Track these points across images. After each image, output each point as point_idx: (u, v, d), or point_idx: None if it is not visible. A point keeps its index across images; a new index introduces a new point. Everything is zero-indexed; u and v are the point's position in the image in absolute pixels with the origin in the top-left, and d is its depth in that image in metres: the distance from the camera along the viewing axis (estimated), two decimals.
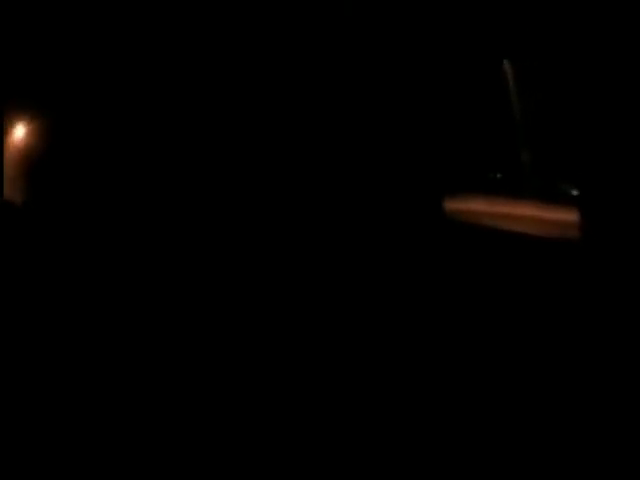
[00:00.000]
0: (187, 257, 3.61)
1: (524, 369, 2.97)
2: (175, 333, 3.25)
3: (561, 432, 2.70)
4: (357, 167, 3.64)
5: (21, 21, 3.77)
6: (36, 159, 3.87)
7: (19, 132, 3.89)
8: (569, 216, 3.43)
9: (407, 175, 3.61)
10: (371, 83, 3.64)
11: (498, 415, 2.82)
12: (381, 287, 3.28)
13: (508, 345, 3.00)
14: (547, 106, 3.56)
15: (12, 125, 3.96)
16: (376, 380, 3.03)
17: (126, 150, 3.76)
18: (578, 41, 3.31)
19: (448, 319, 3.12)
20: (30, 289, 3.49)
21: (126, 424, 2.79)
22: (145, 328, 3.27)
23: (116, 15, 3.72)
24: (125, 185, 3.75)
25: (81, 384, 3.01)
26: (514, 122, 3.62)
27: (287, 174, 3.65)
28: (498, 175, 3.62)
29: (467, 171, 3.65)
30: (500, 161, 3.65)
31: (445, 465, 2.59)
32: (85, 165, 3.81)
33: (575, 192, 3.45)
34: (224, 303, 3.40)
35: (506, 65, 3.44)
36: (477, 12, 3.43)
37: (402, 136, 3.65)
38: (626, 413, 2.75)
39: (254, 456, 2.62)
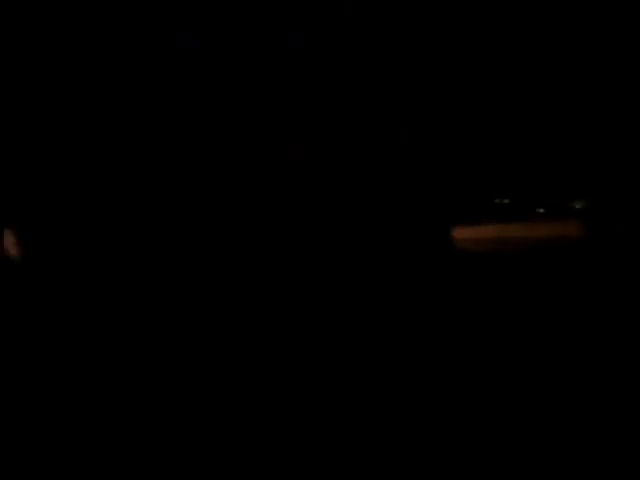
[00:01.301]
0: (187, 259, 3.63)
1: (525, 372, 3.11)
2: (176, 335, 3.30)
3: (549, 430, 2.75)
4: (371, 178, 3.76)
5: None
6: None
7: None
8: (570, 229, 3.63)
9: (415, 201, 3.76)
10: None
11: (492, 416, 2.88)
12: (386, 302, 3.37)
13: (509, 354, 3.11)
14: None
15: None
16: (374, 381, 3.09)
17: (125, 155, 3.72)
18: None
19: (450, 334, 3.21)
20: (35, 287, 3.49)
21: (126, 424, 2.79)
22: (146, 330, 3.31)
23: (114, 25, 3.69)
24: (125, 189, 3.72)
25: (82, 385, 3.06)
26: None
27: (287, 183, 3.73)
28: (505, 200, 3.85)
29: (474, 198, 3.84)
30: (507, 187, 3.87)
31: (444, 465, 2.55)
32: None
33: (577, 206, 3.70)
34: (224, 304, 3.44)
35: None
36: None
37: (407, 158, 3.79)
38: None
39: (254, 456, 2.58)
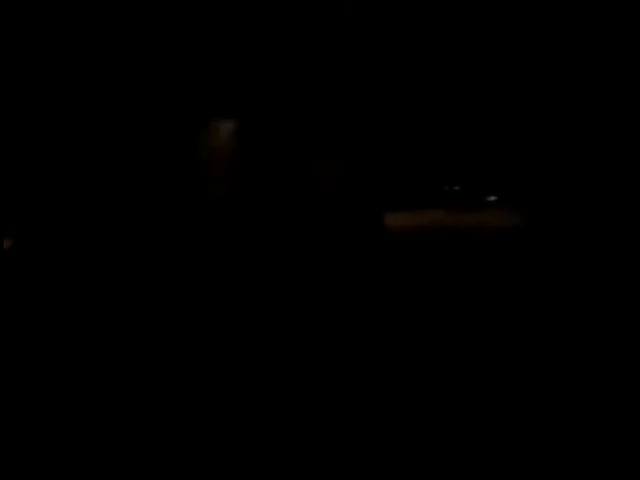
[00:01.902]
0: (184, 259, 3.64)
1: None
2: (174, 336, 3.35)
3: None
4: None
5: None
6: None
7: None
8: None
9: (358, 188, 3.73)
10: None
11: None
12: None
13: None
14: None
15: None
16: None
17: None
18: None
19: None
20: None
21: (126, 424, 2.82)
22: (145, 330, 3.36)
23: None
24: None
25: (82, 386, 3.07)
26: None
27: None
28: (456, 187, 3.87)
29: (422, 184, 3.86)
30: (458, 173, 3.89)
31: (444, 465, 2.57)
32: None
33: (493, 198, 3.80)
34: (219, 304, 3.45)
35: None
36: None
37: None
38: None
39: (254, 456, 2.63)
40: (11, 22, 3.61)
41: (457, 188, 3.98)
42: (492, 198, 3.95)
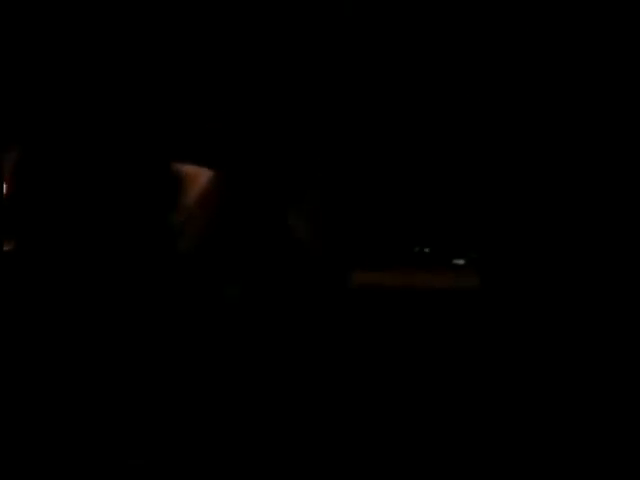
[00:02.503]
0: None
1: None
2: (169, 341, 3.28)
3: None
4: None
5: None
6: None
7: None
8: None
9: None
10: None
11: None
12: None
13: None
14: None
15: None
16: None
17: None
18: None
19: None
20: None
21: (125, 425, 2.77)
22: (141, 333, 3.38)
23: None
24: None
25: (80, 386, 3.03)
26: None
27: None
28: (425, 249, 4.03)
29: (390, 244, 4.00)
30: (428, 235, 4.04)
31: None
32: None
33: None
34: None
35: None
36: None
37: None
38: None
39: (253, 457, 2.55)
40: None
41: (427, 250, 4.13)
42: (460, 261, 4.11)
